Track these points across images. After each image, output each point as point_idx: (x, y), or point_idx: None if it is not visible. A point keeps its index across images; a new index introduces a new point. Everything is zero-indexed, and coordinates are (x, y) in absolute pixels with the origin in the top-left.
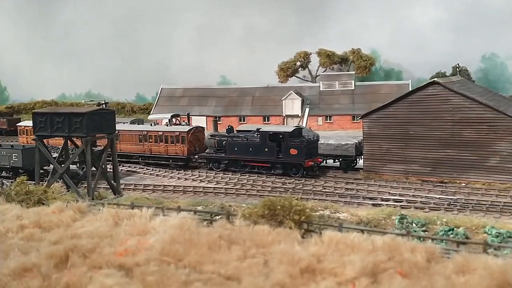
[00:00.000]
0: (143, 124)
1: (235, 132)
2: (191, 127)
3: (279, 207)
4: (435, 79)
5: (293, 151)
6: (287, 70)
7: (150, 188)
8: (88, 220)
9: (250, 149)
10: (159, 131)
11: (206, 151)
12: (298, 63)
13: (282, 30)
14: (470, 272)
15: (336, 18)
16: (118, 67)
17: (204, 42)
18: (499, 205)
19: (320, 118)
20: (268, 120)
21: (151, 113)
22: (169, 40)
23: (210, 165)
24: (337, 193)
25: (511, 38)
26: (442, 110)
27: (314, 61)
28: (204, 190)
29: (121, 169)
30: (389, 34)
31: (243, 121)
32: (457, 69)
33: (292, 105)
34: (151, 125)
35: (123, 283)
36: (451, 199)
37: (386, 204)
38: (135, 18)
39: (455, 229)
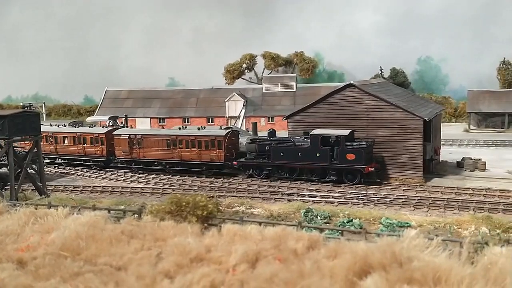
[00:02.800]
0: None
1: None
2: (228, 130)
3: (184, 203)
4: (351, 81)
5: (350, 156)
6: (233, 72)
7: (79, 189)
8: (0, 220)
9: (299, 154)
10: (191, 135)
11: (244, 157)
12: (244, 65)
13: (230, 33)
14: (339, 256)
15: (282, 22)
16: (66, 68)
17: (153, 44)
18: (401, 199)
19: (263, 119)
20: (212, 121)
21: (95, 114)
22: (117, 42)
23: (250, 172)
24: (259, 190)
25: (444, 42)
26: (358, 110)
27: (261, 63)
28: (131, 191)
29: (55, 171)
30: (332, 37)
31: (187, 122)
32: (380, 72)
33: (235, 107)
34: (179, 128)
35: (15, 275)
36: (362, 193)
37: (301, 200)
38: (83, 19)
39: (353, 220)
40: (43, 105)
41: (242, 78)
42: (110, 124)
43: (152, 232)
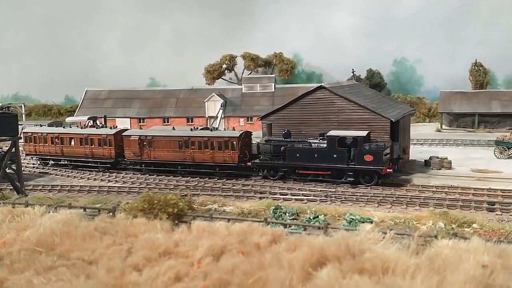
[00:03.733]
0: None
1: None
2: (242, 131)
3: (156, 201)
4: (322, 84)
5: (368, 157)
6: (214, 73)
7: (57, 188)
8: None
9: (315, 155)
10: (205, 136)
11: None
12: (224, 66)
13: (210, 34)
14: (298, 249)
15: (261, 23)
16: (46, 68)
17: (133, 44)
18: (367, 196)
19: (242, 119)
20: (191, 121)
21: (75, 115)
22: (98, 42)
23: (264, 173)
24: (233, 189)
25: (418, 44)
26: (329, 111)
27: (241, 64)
28: (109, 190)
29: (34, 171)
30: (310, 39)
31: (167, 122)
32: (353, 74)
33: (215, 107)
34: (191, 129)
35: None
36: (331, 191)
37: (273, 198)
38: (64, 19)
39: (319, 216)
40: (23, 105)
41: (223, 79)
42: (90, 124)
43: (124, 229)
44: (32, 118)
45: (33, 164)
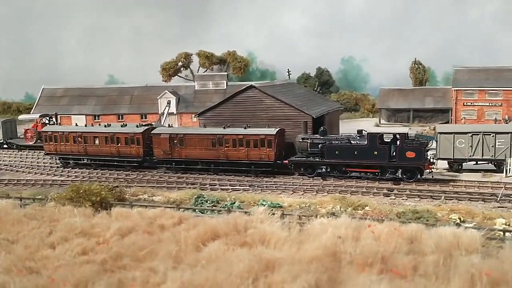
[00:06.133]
0: (15, 124)
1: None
2: (277, 128)
3: (82, 191)
4: (252, 83)
5: (410, 154)
6: (169, 70)
7: (4, 182)
8: None
9: (355, 152)
10: (239, 134)
11: (295, 156)
12: (180, 64)
13: (169, 32)
14: (195, 228)
15: (217, 22)
16: (6, 66)
17: (94, 42)
18: (286, 185)
19: (194, 116)
20: (145, 118)
21: (31, 112)
22: (59, 40)
23: (301, 170)
24: (167, 181)
25: (365, 43)
26: (259, 109)
27: (196, 61)
28: (52, 183)
29: None
30: (264, 38)
31: (122, 119)
32: (288, 74)
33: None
34: (223, 127)
35: None
36: (256, 182)
37: (202, 188)
38: (25, 18)
39: (235, 202)
40: None
41: (179, 76)
42: (45, 122)
43: (50, 215)
44: None
45: None
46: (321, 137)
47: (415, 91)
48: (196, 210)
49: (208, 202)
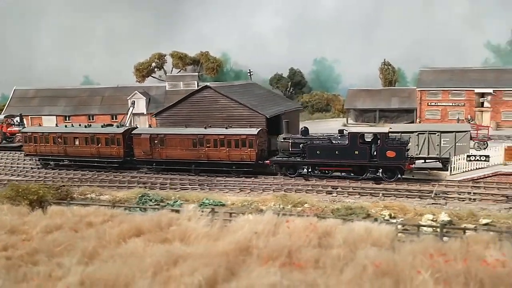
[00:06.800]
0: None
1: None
2: (259, 128)
3: (20, 190)
4: (208, 84)
5: (391, 154)
6: (143, 71)
7: None
8: None
9: (336, 152)
10: (220, 134)
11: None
12: (154, 64)
13: (143, 33)
14: (121, 225)
15: (191, 23)
16: None
17: (69, 44)
18: (233, 184)
19: (151, 116)
20: (116, 119)
21: (1, 113)
22: (34, 41)
23: (282, 171)
24: (120, 181)
25: (336, 45)
26: (214, 109)
27: (170, 62)
28: (8, 182)
29: None
30: (237, 39)
31: (92, 119)
32: (249, 74)
33: (138, 104)
34: (204, 128)
35: None
36: (208, 181)
37: (150, 187)
38: None
39: (177, 201)
40: None
41: (152, 77)
42: (10, 122)
43: None
44: None
45: None
46: (303, 137)
47: (382, 91)
48: (137, 209)
49: (152, 201)
